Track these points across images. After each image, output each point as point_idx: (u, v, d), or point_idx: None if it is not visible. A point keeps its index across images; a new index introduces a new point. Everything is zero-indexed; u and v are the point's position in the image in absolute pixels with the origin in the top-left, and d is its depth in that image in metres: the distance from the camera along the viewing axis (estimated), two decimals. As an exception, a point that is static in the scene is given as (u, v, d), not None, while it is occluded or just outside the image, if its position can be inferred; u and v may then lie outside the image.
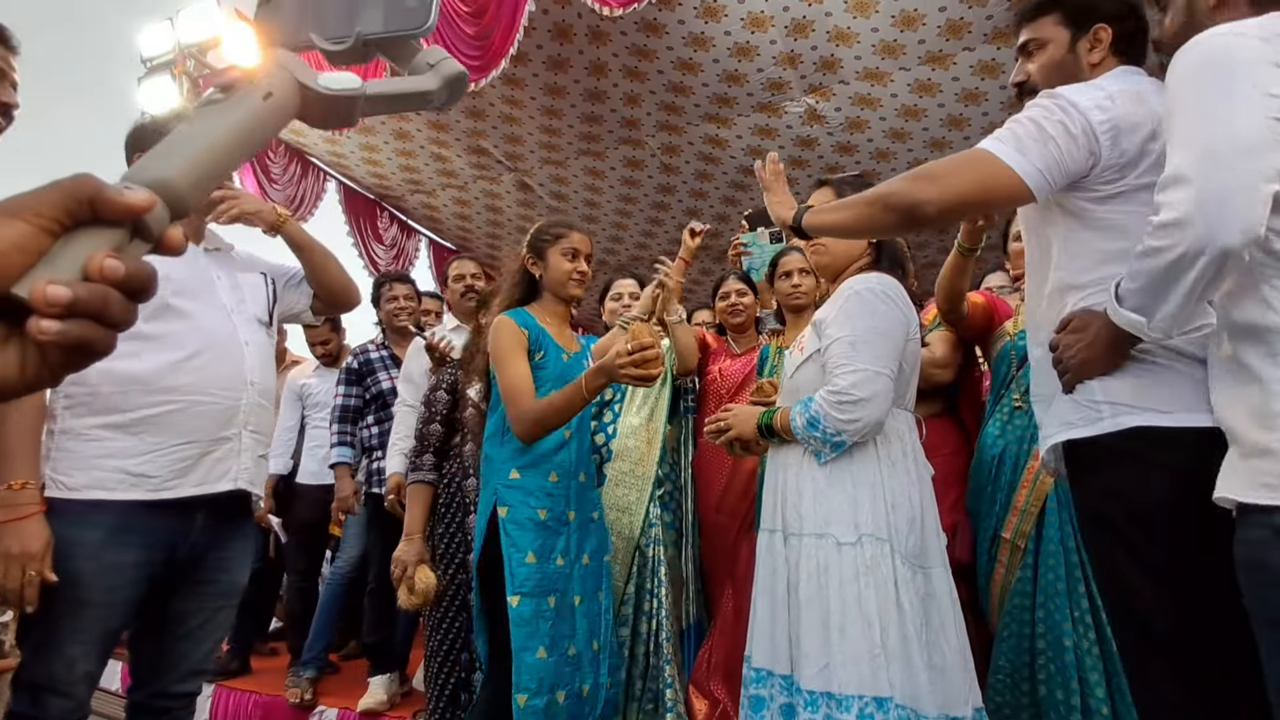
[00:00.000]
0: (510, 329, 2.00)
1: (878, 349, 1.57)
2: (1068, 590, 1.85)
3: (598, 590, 2.05)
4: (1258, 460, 0.96)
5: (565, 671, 1.88)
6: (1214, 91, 1.03)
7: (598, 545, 2.08)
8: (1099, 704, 1.76)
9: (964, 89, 4.19)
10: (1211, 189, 0.99)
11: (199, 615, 1.77)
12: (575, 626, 1.94)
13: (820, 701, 1.47)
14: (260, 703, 3.10)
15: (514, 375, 1.95)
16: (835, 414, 1.55)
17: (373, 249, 5.70)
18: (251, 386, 1.78)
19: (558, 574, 1.94)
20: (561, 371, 2.02)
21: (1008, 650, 1.96)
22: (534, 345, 2.01)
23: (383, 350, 3.28)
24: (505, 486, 1.94)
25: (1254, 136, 0.98)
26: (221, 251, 1.93)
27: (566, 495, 2.00)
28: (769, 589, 1.66)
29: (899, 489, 1.58)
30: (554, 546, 1.94)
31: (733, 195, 5.39)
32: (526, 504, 1.93)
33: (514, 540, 1.89)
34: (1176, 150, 1.06)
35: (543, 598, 1.88)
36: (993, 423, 2.16)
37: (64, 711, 1.53)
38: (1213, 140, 1.01)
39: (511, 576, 1.86)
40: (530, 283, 2.15)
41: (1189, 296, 1.03)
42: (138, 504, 1.61)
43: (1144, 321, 1.09)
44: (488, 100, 4.54)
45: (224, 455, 1.73)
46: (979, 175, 1.27)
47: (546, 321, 2.08)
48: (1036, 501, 1.95)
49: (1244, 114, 0.99)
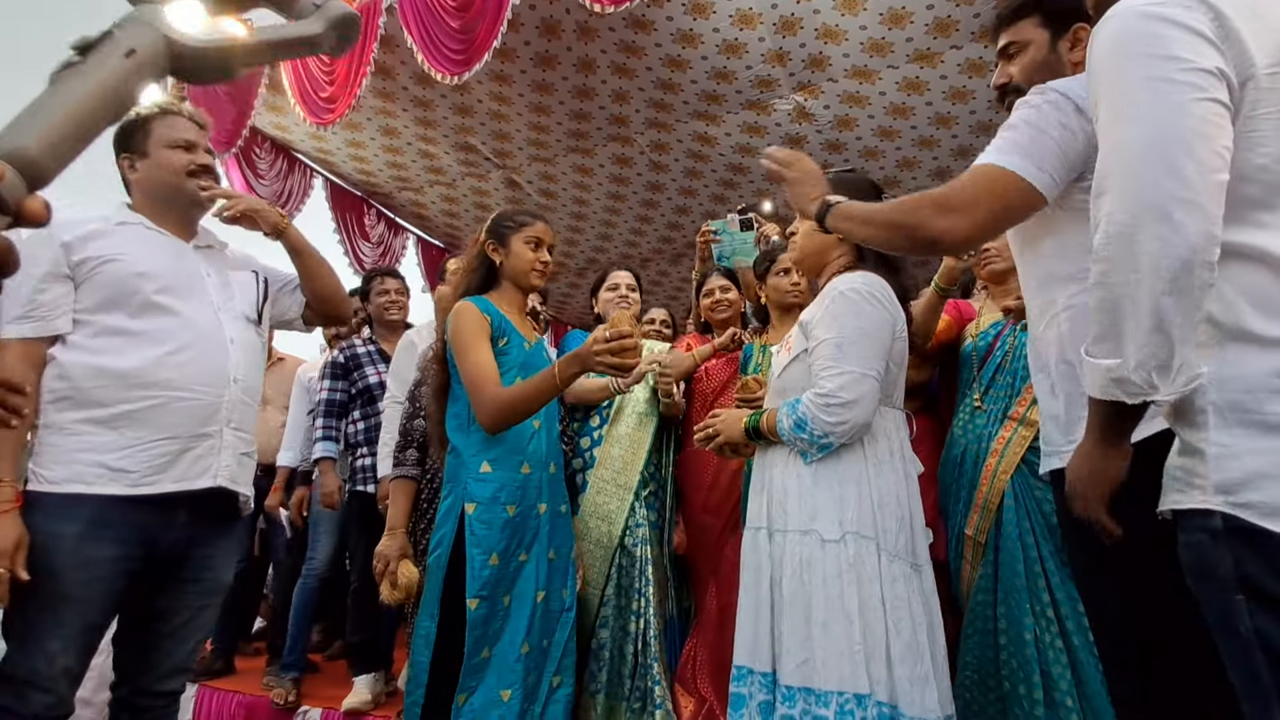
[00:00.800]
0: (473, 314, 1.95)
1: (864, 350, 1.56)
2: (1028, 585, 1.87)
3: (562, 588, 2.01)
4: (1188, 459, 0.94)
5: (515, 670, 1.84)
6: (1133, 76, 0.92)
7: (565, 540, 2.04)
8: (1063, 696, 1.77)
9: (952, 87, 4.20)
10: (1144, 193, 0.89)
11: (183, 613, 1.77)
12: (532, 624, 1.89)
13: (798, 696, 1.47)
14: (244, 703, 3.07)
15: (479, 361, 1.89)
16: (823, 416, 1.54)
17: (359, 246, 5.66)
18: (235, 384, 1.78)
19: (519, 570, 1.89)
20: (525, 360, 1.99)
21: (973, 647, 1.98)
22: (497, 332, 1.96)
23: (370, 345, 3.25)
24: (476, 480, 1.88)
25: (1184, 125, 0.87)
26: (214, 249, 1.93)
27: (539, 487, 1.96)
28: (753, 586, 1.66)
29: (886, 487, 1.58)
30: (520, 542, 1.90)
31: (722, 194, 5.38)
32: (497, 500, 1.88)
33: (479, 539, 1.84)
34: (1102, 151, 0.96)
35: (499, 598, 1.84)
36: (955, 422, 2.19)
37: (45, 707, 1.53)
38: (1137, 137, 0.90)
39: (473, 578, 1.81)
40: (489, 270, 2.09)
41: (1157, 324, 0.89)
42: (116, 499, 1.60)
43: (1117, 363, 0.93)
44: (476, 97, 4.51)
45: (204, 452, 1.72)
46: (996, 197, 1.24)
47: (505, 310, 2.03)
48: (994, 498, 1.98)
49: (1167, 101, 0.89)
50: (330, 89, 4.05)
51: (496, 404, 1.81)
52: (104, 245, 1.69)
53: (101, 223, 1.75)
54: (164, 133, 1.81)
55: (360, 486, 3.06)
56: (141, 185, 1.83)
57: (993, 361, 2.16)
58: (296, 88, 4.13)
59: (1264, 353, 0.89)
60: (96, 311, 1.66)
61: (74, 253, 1.66)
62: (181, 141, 1.81)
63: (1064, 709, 1.77)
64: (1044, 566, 1.86)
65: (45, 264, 1.64)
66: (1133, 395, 0.94)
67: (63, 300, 1.65)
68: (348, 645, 3.09)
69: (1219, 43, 0.89)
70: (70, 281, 1.66)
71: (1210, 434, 0.91)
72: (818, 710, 1.44)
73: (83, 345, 1.65)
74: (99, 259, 1.67)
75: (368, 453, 3.09)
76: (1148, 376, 0.91)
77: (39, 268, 1.63)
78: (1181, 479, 0.95)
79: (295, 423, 3.47)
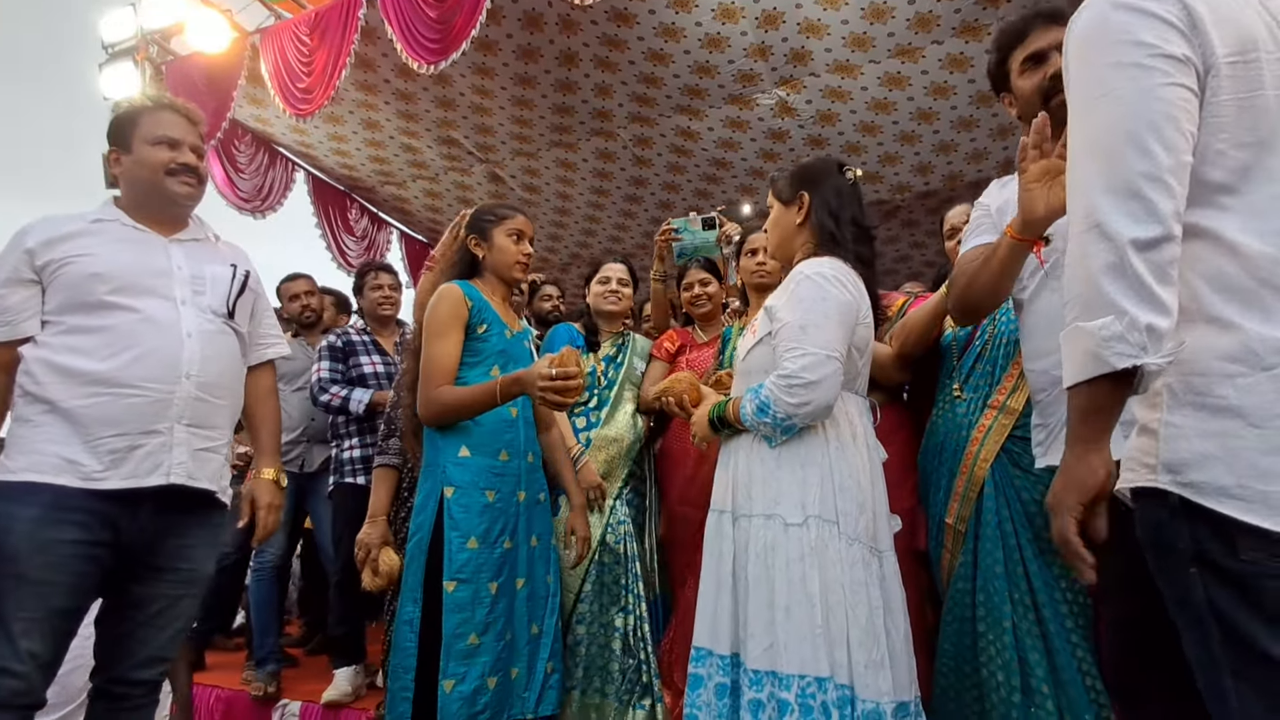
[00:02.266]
0: (454, 300, 1.96)
1: (827, 333, 1.57)
2: (1006, 572, 1.88)
3: (546, 574, 2.03)
4: (1143, 439, 0.96)
5: (501, 657, 1.86)
6: (1105, 61, 0.96)
7: (545, 527, 2.06)
8: (1039, 683, 1.78)
9: (933, 83, 4.23)
10: (1116, 172, 0.92)
11: (159, 602, 1.76)
12: (514, 611, 1.91)
13: (765, 680, 1.48)
14: (223, 697, 3.05)
15: (441, 352, 1.92)
16: (785, 398, 1.55)
17: (343, 240, 5.63)
18: (188, 379, 1.76)
19: (504, 558, 1.90)
20: (505, 348, 2.00)
21: (952, 635, 1.99)
22: (476, 319, 1.98)
23: (364, 335, 3.24)
24: (455, 465, 1.89)
25: (1153, 108, 0.90)
26: (201, 242, 1.94)
27: (517, 475, 1.98)
28: (714, 569, 1.67)
29: (847, 472, 1.59)
30: (502, 529, 1.91)
31: (705, 189, 5.39)
32: (475, 485, 1.89)
33: (457, 523, 1.85)
34: (1073, 132, 1.00)
35: (484, 583, 1.85)
36: (935, 411, 2.20)
37: (12, 693, 1.53)
38: (1109, 118, 0.94)
39: (450, 561, 1.82)
40: (470, 264, 2.11)
41: (1141, 285, 0.89)
42: (72, 489, 1.61)
43: (1109, 319, 0.89)
44: (458, 90, 4.50)
45: (155, 449, 1.71)
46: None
47: (490, 298, 2.05)
48: (974, 486, 1.98)
49: (1137, 85, 0.92)
50: (308, 80, 4.02)
51: (439, 400, 1.88)
52: (70, 247, 1.72)
53: (79, 221, 1.78)
54: (148, 128, 1.82)
55: (349, 478, 3.04)
56: (124, 180, 1.85)
57: (973, 351, 2.16)
58: (275, 79, 4.10)
59: (1220, 335, 0.91)
60: (60, 312, 1.70)
61: (38, 257, 1.70)
62: (165, 138, 1.82)
63: (1040, 695, 1.77)
64: (1023, 554, 1.86)
65: (8, 269, 1.70)
66: (1123, 357, 0.88)
67: (28, 304, 1.70)
68: (329, 638, 3.08)
69: (1187, 31, 0.92)
70: (37, 285, 1.71)
71: (1164, 414, 0.93)
72: (781, 694, 1.45)
73: (46, 343, 1.69)
74: (62, 260, 1.71)
75: (357, 444, 3.08)
76: (1141, 337, 0.88)
77: (2, 272, 1.69)
78: (1136, 458, 0.98)
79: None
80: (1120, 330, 0.89)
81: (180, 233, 1.89)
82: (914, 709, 1.55)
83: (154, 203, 1.85)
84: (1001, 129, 4.60)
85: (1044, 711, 1.77)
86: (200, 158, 1.89)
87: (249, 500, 1.94)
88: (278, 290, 3.59)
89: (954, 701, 1.97)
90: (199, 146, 1.89)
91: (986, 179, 4.75)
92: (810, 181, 1.80)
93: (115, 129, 1.84)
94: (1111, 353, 0.89)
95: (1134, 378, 0.90)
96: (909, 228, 5.82)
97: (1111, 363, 0.89)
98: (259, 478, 1.97)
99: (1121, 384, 0.91)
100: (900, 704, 1.50)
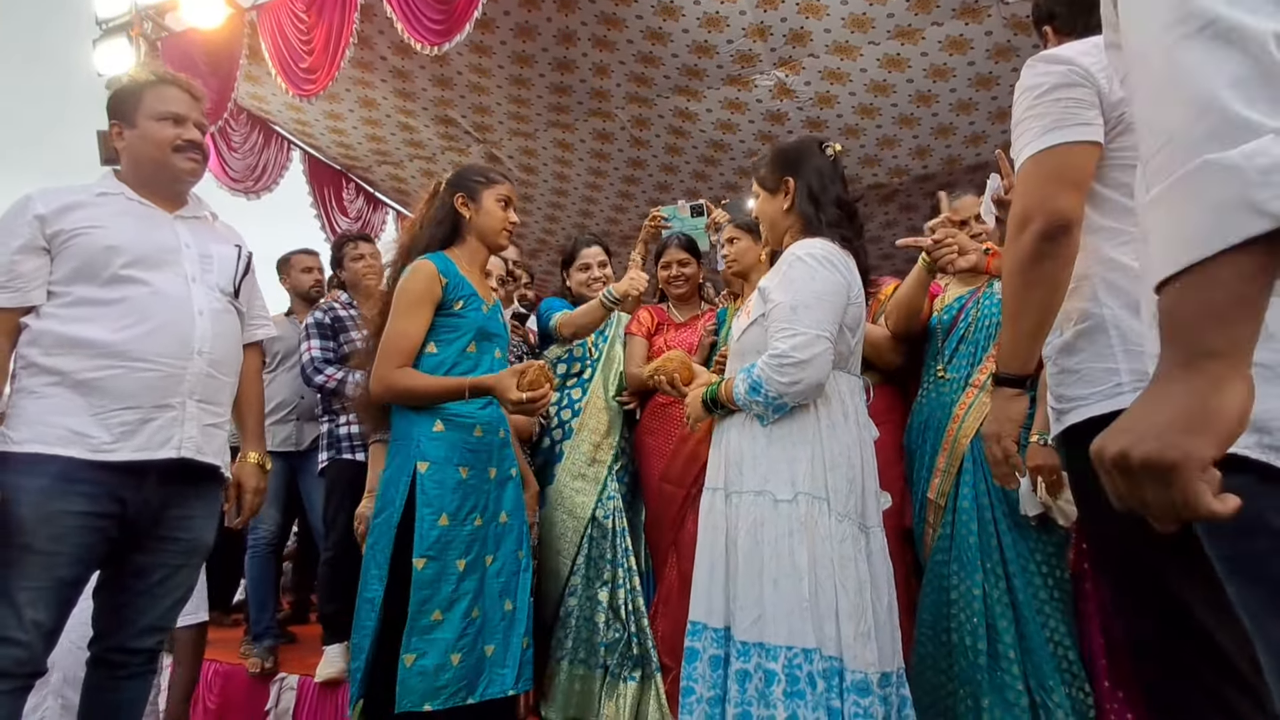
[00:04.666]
0: (427, 277, 1.92)
1: (818, 313, 1.60)
2: (980, 544, 1.93)
3: (516, 549, 2.00)
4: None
5: (466, 634, 1.83)
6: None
7: (515, 503, 2.04)
8: (1006, 649, 1.84)
9: (932, 65, 4.21)
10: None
11: (159, 571, 1.79)
12: (485, 588, 1.89)
13: (753, 652, 1.52)
14: (221, 671, 3.09)
15: (405, 331, 1.89)
16: (776, 377, 1.58)
17: (337, 221, 5.60)
18: (200, 356, 1.78)
19: (473, 535, 1.88)
20: (482, 323, 1.98)
21: (930, 605, 2.04)
22: (452, 295, 1.94)
23: (350, 309, 3.21)
24: (429, 439, 1.87)
25: None
26: (201, 220, 1.94)
27: (489, 452, 1.96)
28: (709, 545, 1.70)
29: (838, 448, 1.62)
30: (473, 506, 1.89)
31: (703, 170, 5.37)
32: (450, 461, 1.87)
33: (430, 499, 1.82)
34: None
35: (451, 560, 1.83)
36: (920, 392, 2.25)
37: (15, 662, 1.56)
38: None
39: (420, 539, 1.80)
40: (454, 225, 2.04)
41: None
42: (80, 460, 1.62)
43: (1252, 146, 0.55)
44: (455, 69, 4.47)
45: (166, 423, 1.73)
46: (1054, 175, 1.18)
47: (466, 270, 2.00)
48: (955, 461, 2.03)
49: None
50: (310, 59, 3.99)
51: (399, 383, 1.86)
52: (80, 217, 1.72)
53: (82, 193, 1.77)
54: (153, 104, 1.82)
55: (346, 455, 3.05)
56: (128, 155, 1.85)
57: (956, 333, 2.21)
58: (276, 58, 4.07)
59: None
60: (68, 282, 1.69)
61: (49, 225, 1.69)
62: (169, 114, 1.82)
63: (1006, 660, 1.83)
64: (997, 527, 1.92)
65: (22, 237, 1.68)
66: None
67: (39, 273, 1.69)
68: (321, 615, 3.10)
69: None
70: (46, 254, 1.70)
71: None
72: (768, 664, 1.49)
73: (54, 314, 1.68)
74: (73, 231, 1.70)
75: (353, 419, 3.05)
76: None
77: (16, 239, 1.68)
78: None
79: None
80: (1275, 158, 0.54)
81: (182, 210, 1.90)
82: (896, 679, 1.59)
83: (159, 179, 1.85)
84: (1001, 112, 4.57)
85: (1009, 675, 1.83)
86: (204, 133, 1.90)
87: (234, 484, 1.95)
88: (288, 262, 3.56)
89: (932, 669, 2.02)
90: (202, 122, 1.89)
91: (985, 163, 4.75)
92: (792, 165, 1.81)
93: (117, 103, 1.84)
94: (1274, 194, 0.54)
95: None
96: (907, 212, 5.81)
97: (1275, 210, 0.54)
98: (244, 461, 1.97)
99: (1274, 254, 0.57)
100: (884, 674, 1.54)
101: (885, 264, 6.30)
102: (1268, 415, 0.66)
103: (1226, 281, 0.57)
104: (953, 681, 1.96)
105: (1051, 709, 1.82)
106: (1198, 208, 0.58)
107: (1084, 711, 1.85)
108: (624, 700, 2.28)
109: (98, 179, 1.85)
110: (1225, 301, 0.58)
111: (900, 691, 1.60)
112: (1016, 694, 1.84)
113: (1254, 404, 0.60)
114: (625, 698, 2.28)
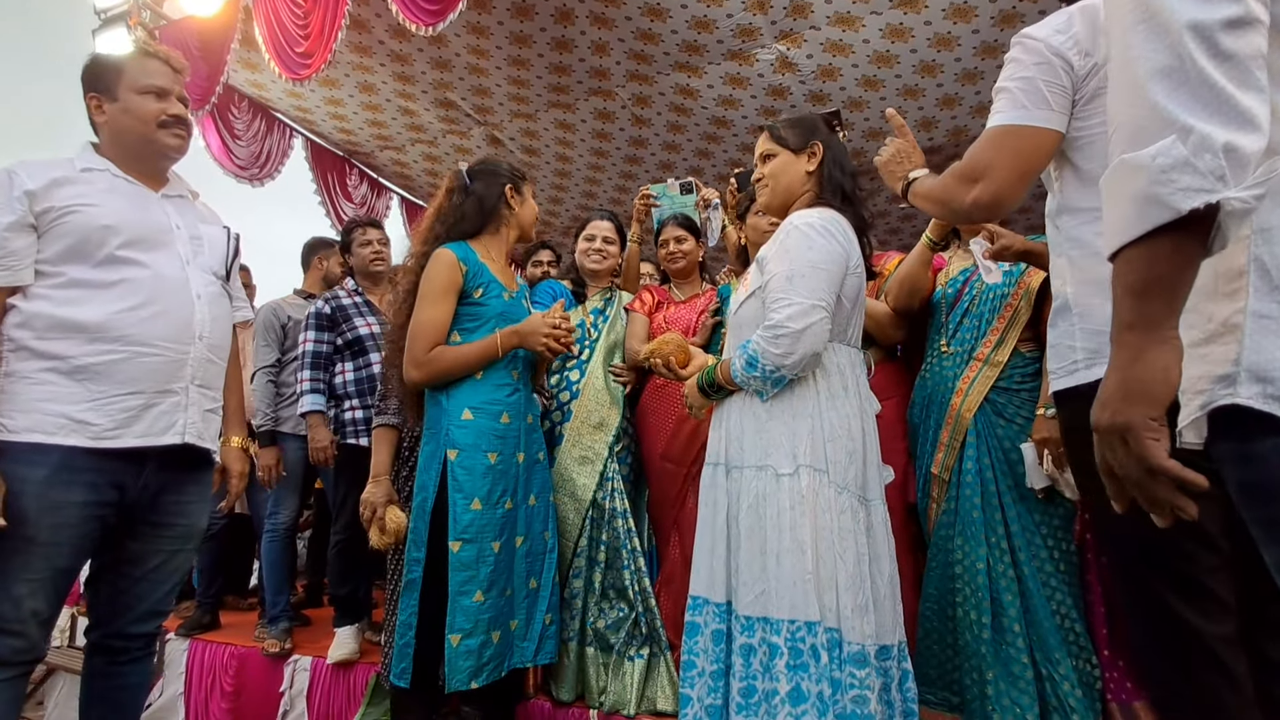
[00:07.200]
0: (450, 265, 1.96)
1: (813, 282, 1.57)
2: (984, 518, 1.92)
3: (544, 530, 2.07)
4: (1211, 346, 0.83)
5: (502, 612, 1.92)
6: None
7: (543, 485, 2.10)
8: (1011, 623, 1.83)
9: (936, 34, 4.13)
10: None
11: (155, 557, 1.79)
12: (513, 567, 1.96)
13: (756, 626, 1.52)
14: (236, 654, 3.13)
15: (433, 316, 1.94)
16: (771, 349, 1.56)
17: (342, 208, 5.60)
18: (200, 340, 1.76)
19: (505, 518, 1.94)
20: (503, 310, 2.02)
21: (935, 579, 2.04)
22: (472, 283, 1.98)
23: (356, 296, 3.20)
24: (458, 427, 1.92)
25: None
26: (185, 199, 1.90)
27: (517, 437, 2.01)
28: (710, 520, 1.69)
29: (838, 421, 1.60)
30: (503, 490, 1.94)
31: (705, 148, 5.32)
32: (478, 447, 1.92)
33: (461, 485, 1.88)
34: None
35: (487, 542, 1.89)
36: (924, 367, 2.23)
37: (14, 651, 1.56)
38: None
39: (455, 521, 1.86)
40: (487, 214, 2.09)
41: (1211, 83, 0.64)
42: (80, 449, 1.60)
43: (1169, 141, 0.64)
44: (453, 50, 4.43)
45: (169, 409, 1.71)
46: (1008, 152, 1.24)
47: (490, 258, 2.05)
48: (958, 435, 2.02)
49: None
50: (305, 43, 3.97)
51: (436, 362, 1.92)
52: (69, 193, 1.64)
53: (66, 167, 1.69)
54: (136, 77, 1.75)
55: (352, 440, 3.06)
56: (109, 129, 1.77)
57: (960, 307, 2.19)
58: (270, 42, 4.04)
59: None
60: (59, 262, 1.62)
61: (38, 202, 1.62)
62: (153, 88, 1.76)
63: (1011, 634, 1.83)
64: (1001, 500, 1.91)
65: (14, 213, 1.60)
66: (1190, 194, 0.62)
67: (29, 250, 1.61)
68: (332, 598, 3.13)
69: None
70: (34, 231, 1.62)
71: (1249, 302, 0.72)
72: (772, 638, 1.49)
73: (45, 295, 1.61)
74: (64, 208, 1.62)
75: (358, 404, 3.08)
76: (1216, 162, 0.62)
77: (7, 215, 1.60)
78: (1204, 373, 0.79)
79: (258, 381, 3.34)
80: (1185, 155, 0.63)
81: (166, 188, 1.85)
82: (897, 653, 1.59)
83: (144, 155, 1.79)
84: (1007, 81, 4.50)
85: (1014, 649, 1.83)
86: (186, 106, 1.84)
87: (219, 469, 1.95)
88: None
89: (937, 643, 2.02)
90: (185, 96, 1.84)
91: (991, 133, 4.68)
92: (818, 132, 1.82)
93: (95, 74, 1.76)
94: (1174, 189, 0.63)
95: (1209, 225, 0.64)
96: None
97: (1174, 204, 0.63)
98: (227, 445, 1.97)
99: (1192, 237, 0.65)
100: (883, 647, 1.54)
101: (892, 239, 6.24)
102: (1270, 365, 0.69)
103: (1148, 262, 0.67)
104: (958, 655, 1.96)
105: (1058, 681, 1.82)
106: (1121, 198, 0.68)
107: (1090, 683, 1.85)
108: (630, 678, 2.29)
109: (76, 152, 1.76)
110: (1149, 280, 0.67)
111: (901, 664, 1.60)
112: (1022, 667, 1.84)
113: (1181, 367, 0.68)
114: (632, 675, 2.29)
